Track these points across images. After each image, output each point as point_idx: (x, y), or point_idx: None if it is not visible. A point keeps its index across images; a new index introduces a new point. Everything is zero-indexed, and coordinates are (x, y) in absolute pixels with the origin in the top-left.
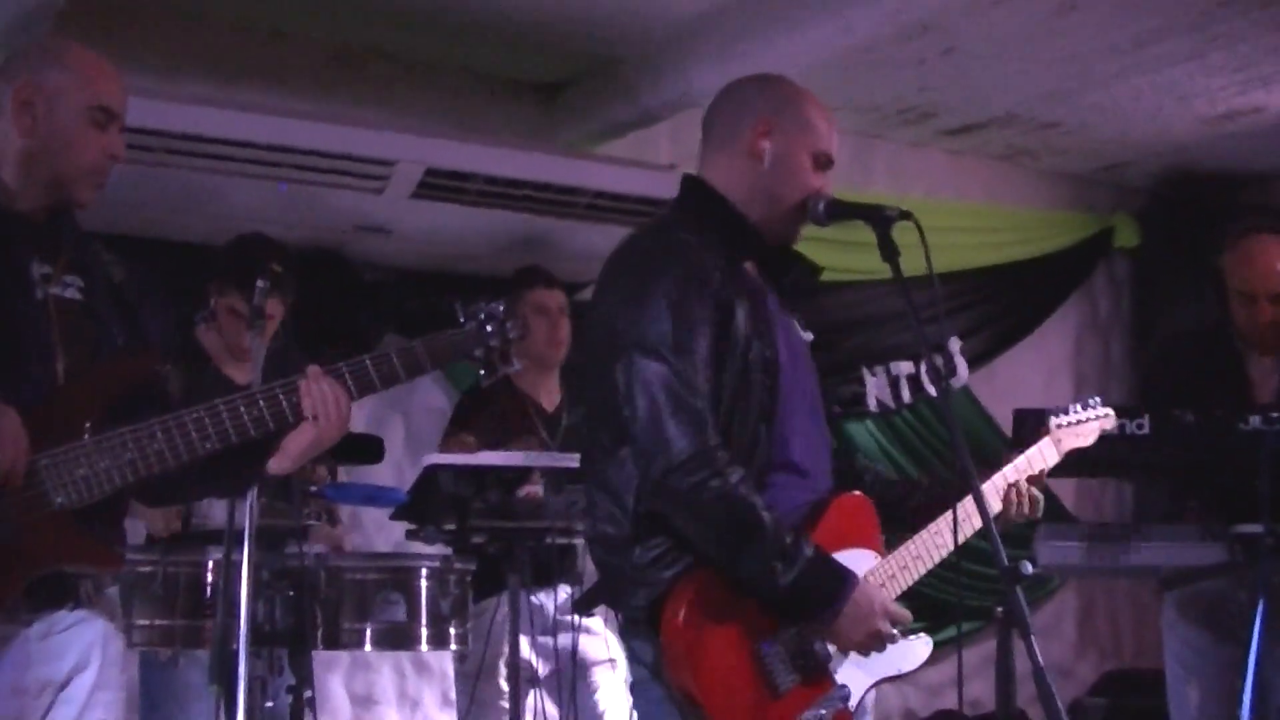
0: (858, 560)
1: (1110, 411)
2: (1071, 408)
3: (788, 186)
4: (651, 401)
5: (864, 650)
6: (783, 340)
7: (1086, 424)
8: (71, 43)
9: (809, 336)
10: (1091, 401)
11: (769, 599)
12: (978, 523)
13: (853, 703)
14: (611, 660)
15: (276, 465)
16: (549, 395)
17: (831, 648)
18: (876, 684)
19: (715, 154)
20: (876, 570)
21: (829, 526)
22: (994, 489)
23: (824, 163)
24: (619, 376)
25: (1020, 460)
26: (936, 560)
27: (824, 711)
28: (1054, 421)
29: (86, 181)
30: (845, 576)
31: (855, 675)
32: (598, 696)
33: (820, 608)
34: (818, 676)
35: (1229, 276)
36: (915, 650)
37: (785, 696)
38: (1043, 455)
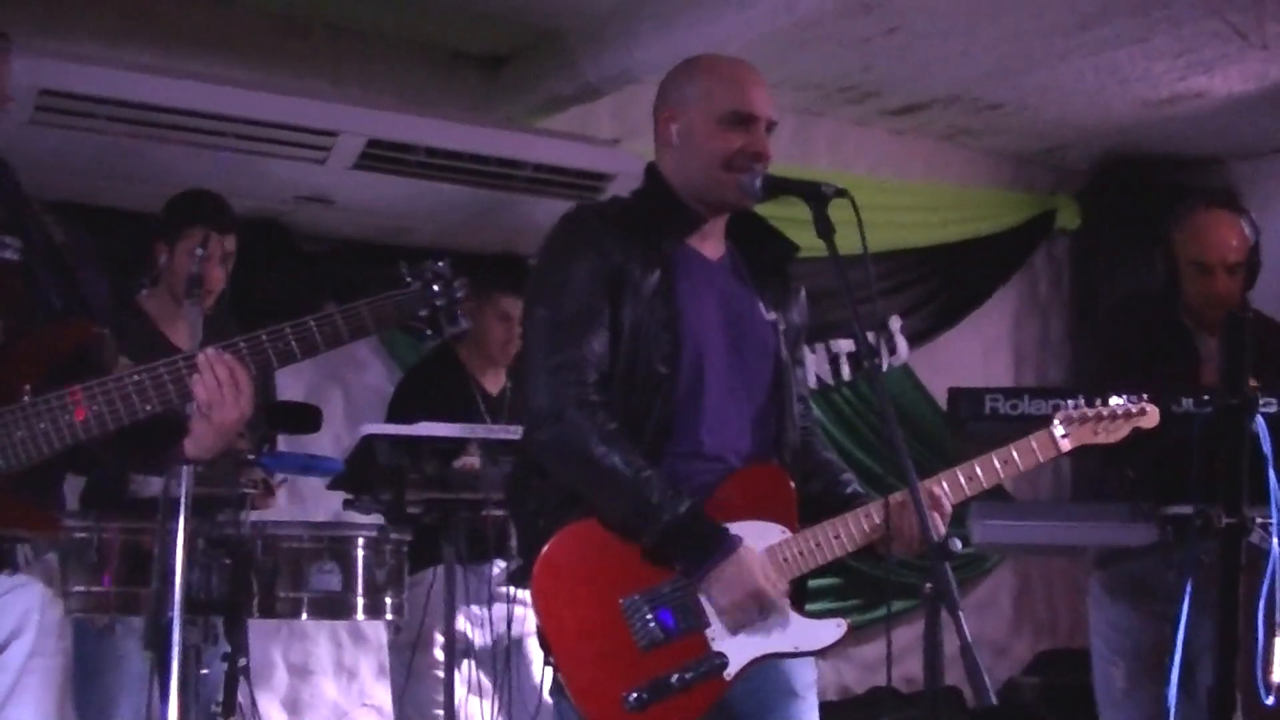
0: (760, 532)
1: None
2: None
3: (700, 158)
4: (533, 351)
5: (731, 618)
6: (718, 317)
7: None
8: None
9: (771, 316)
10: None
11: (645, 553)
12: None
13: (730, 672)
14: None
15: (192, 449)
16: (494, 378)
17: (710, 613)
18: (765, 659)
19: (655, 147)
20: (783, 545)
21: (727, 496)
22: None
23: (737, 120)
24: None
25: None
26: (859, 542)
27: (690, 675)
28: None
29: None
30: (720, 538)
31: (739, 645)
32: (534, 669)
33: (690, 566)
34: (689, 639)
35: (1182, 249)
36: (821, 631)
37: (648, 653)
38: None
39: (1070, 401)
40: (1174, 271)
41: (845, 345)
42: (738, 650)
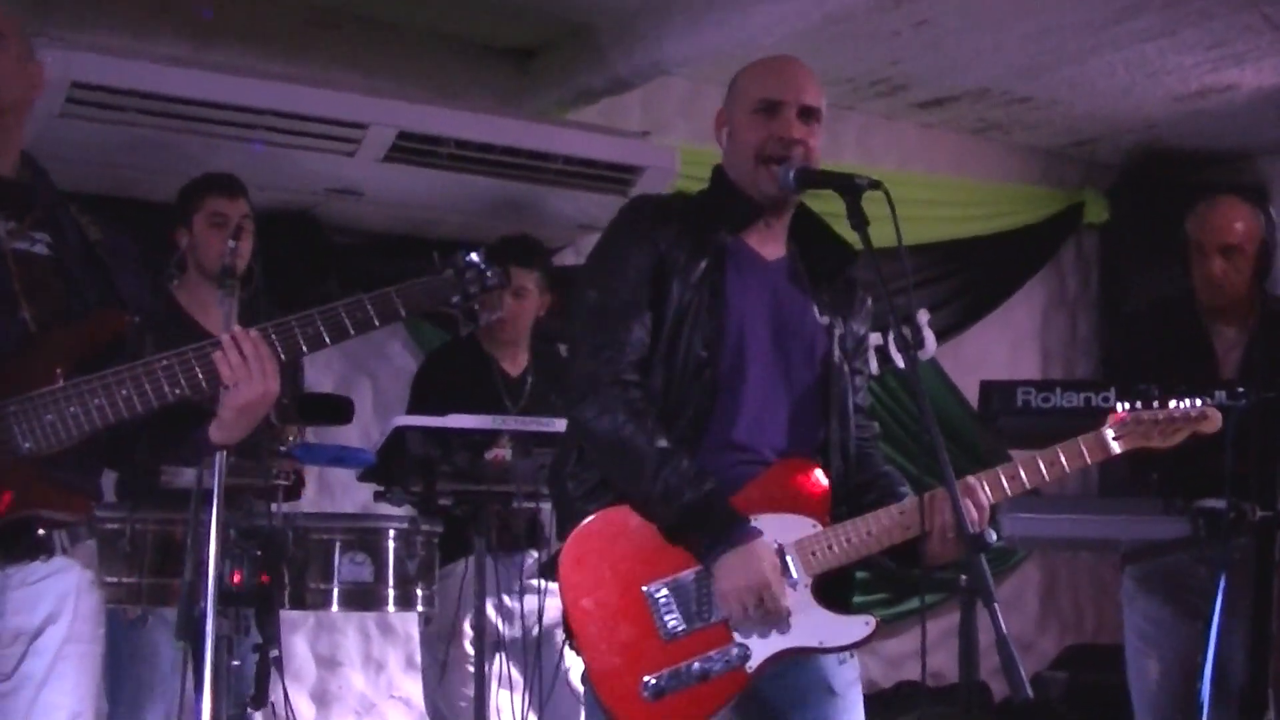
0: (790, 525)
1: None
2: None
3: (740, 151)
4: (578, 329)
5: (728, 604)
6: (764, 313)
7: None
8: None
9: (825, 320)
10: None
11: (667, 534)
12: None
13: (752, 665)
14: None
15: (217, 434)
16: (514, 360)
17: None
18: (791, 653)
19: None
20: (813, 539)
21: (759, 487)
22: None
23: (765, 108)
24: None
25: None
26: (893, 538)
27: (710, 665)
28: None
29: None
30: (735, 525)
31: (762, 638)
32: (566, 660)
33: (702, 547)
34: (713, 629)
35: (1189, 235)
36: (849, 628)
37: (670, 642)
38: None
39: (1124, 404)
40: (1188, 267)
41: (873, 339)
42: (761, 643)
